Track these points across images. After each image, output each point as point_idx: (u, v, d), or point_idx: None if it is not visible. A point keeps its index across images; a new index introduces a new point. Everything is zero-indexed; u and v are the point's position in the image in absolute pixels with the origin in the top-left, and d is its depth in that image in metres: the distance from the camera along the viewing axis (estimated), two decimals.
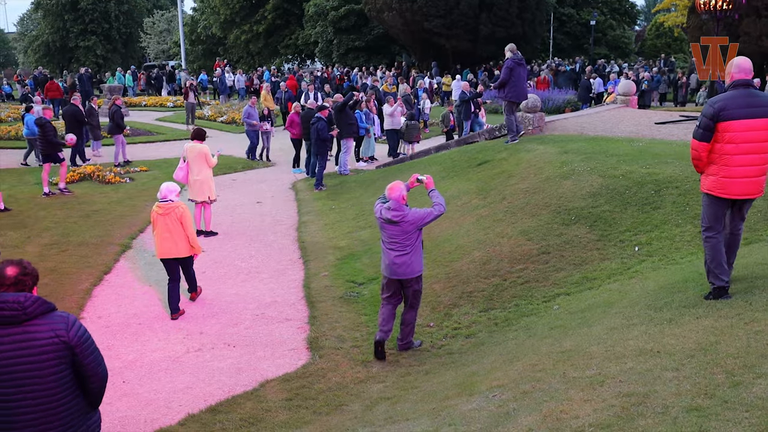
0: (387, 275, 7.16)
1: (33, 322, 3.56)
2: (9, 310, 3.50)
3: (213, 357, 7.50)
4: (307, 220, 12.83)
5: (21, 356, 3.52)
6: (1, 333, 3.51)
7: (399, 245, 6.99)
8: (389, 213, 6.96)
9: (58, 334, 3.57)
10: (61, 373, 3.61)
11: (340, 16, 38.68)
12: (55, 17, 55.13)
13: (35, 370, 3.54)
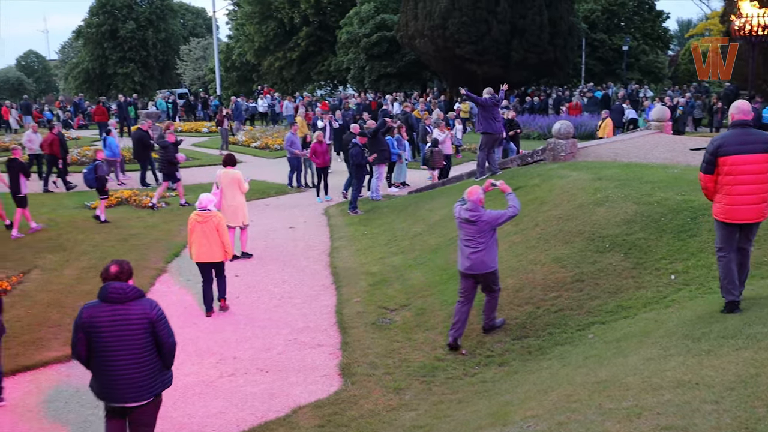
0: (462, 270, 7.94)
1: (129, 303, 5.16)
2: (115, 294, 5.14)
3: (246, 382, 7.54)
4: (339, 245, 12.89)
5: (122, 325, 5.11)
6: (110, 308, 5.12)
7: (475, 242, 7.78)
8: (467, 213, 7.82)
9: (145, 312, 5.17)
10: (146, 339, 5.17)
11: (372, 42, 39.04)
12: (95, 45, 56.67)
13: (130, 335, 5.12)
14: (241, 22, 48.68)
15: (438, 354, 7.79)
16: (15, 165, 13.75)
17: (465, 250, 7.89)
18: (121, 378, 5.13)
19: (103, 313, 5.12)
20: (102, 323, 5.10)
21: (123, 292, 5.15)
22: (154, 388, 5.28)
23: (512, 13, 32.56)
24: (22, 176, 13.66)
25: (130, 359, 5.13)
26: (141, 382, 5.17)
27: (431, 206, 13.98)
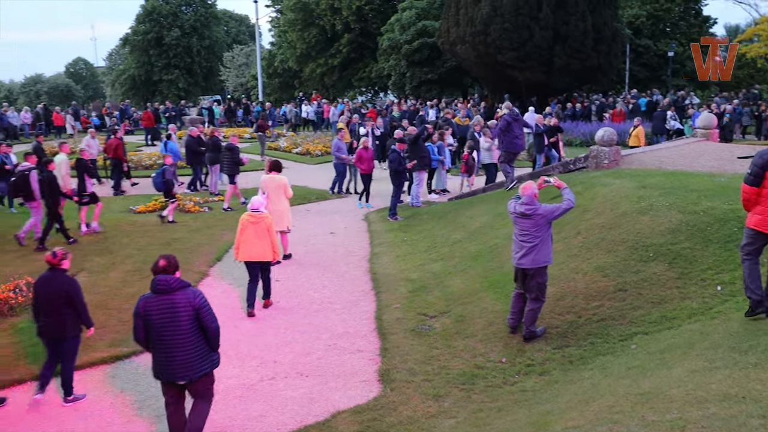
0: (515, 264, 8.15)
1: (175, 293, 5.95)
2: (162, 285, 5.96)
3: (286, 386, 7.61)
4: (379, 251, 12.93)
5: (169, 312, 5.91)
6: (159, 298, 5.93)
7: (530, 236, 7.94)
8: (523, 207, 7.99)
9: (189, 300, 5.94)
10: (192, 325, 5.95)
11: (413, 49, 39.09)
12: (141, 52, 57.85)
13: (177, 321, 5.90)
14: (284, 29, 49.21)
15: (478, 362, 7.76)
16: (81, 165, 14.52)
17: (520, 245, 8.04)
18: (173, 359, 5.95)
19: (153, 302, 5.95)
20: (153, 312, 5.94)
21: (167, 283, 5.97)
22: (203, 368, 6.06)
23: (555, 19, 32.29)
24: (87, 176, 14.50)
25: (179, 342, 5.92)
26: (190, 362, 5.97)
27: (471, 213, 13.94)
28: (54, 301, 7.14)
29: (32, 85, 74.28)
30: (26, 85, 75.59)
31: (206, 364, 6.06)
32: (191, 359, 5.96)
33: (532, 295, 8.08)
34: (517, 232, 8.12)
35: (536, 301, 8.06)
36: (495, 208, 13.28)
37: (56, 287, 7.16)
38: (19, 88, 77.35)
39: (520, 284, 8.28)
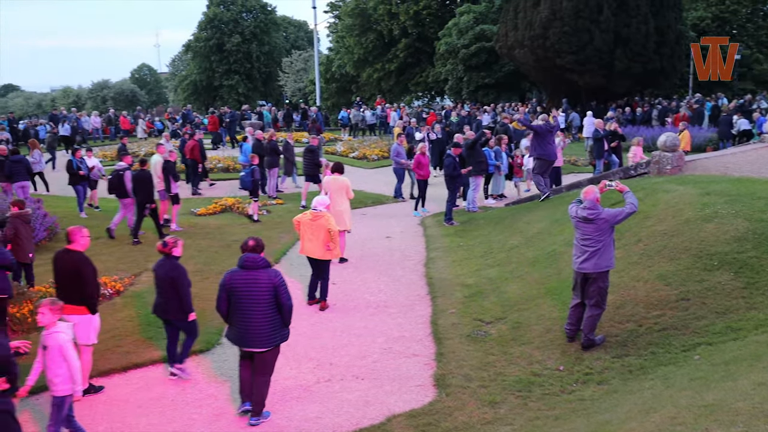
0: (576, 269, 8.04)
1: (259, 271, 6.79)
2: (249, 262, 6.81)
3: (342, 388, 7.68)
4: (435, 256, 12.91)
5: (252, 287, 6.72)
6: (245, 273, 6.77)
7: (592, 241, 7.85)
8: (585, 211, 7.90)
9: (270, 279, 6.75)
10: (270, 300, 6.75)
11: (470, 53, 38.93)
12: (203, 58, 59.19)
13: (258, 295, 6.71)
14: (342, 35, 49.64)
15: (534, 369, 7.68)
16: (168, 167, 15.20)
17: (582, 249, 7.96)
18: (251, 329, 6.75)
19: (239, 277, 6.79)
20: (238, 285, 6.76)
21: (254, 261, 6.84)
22: (275, 340, 6.85)
23: (616, 21, 31.72)
24: (171, 177, 15.22)
25: (258, 315, 6.73)
26: (265, 333, 6.76)
27: (529, 219, 13.80)
28: (164, 284, 7.81)
29: (99, 91, 76.64)
30: (93, 90, 78.02)
31: (277, 337, 6.87)
32: (266, 331, 6.76)
33: (592, 301, 7.95)
34: (578, 236, 8.05)
35: (596, 308, 7.93)
36: (553, 214, 13.12)
37: (166, 272, 7.78)
38: (87, 94, 79.85)
39: (578, 292, 8.16)
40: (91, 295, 7.51)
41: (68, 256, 7.56)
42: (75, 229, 7.67)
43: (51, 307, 6.13)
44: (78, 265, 7.48)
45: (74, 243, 7.59)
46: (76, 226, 7.78)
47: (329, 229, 9.97)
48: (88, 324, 7.53)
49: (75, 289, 7.42)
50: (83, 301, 7.45)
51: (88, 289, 7.47)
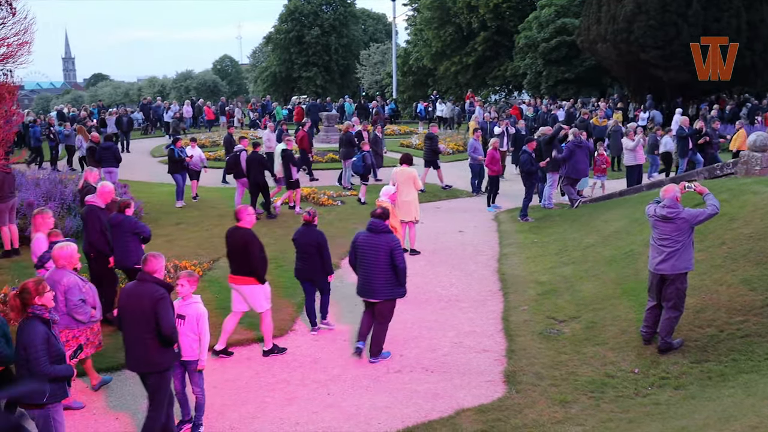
0: (652, 270, 7.87)
1: (380, 234, 8.03)
2: (374, 226, 8.07)
3: (411, 380, 7.71)
4: (508, 252, 12.79)
5: (373, 248, 8.00)
6: (369, 236, 8.06)
7: (671, 241, 7.65)
8: (664, 210, 7.71)
9: (388, 242, 7.97)
10: (387, 261, 7.92)
11: (550, 47, 38.19)
12: (282, 50, 60.14)
13: (377, 255, 7.96)
14: (420, 28, 49.50)
15: (608, 370, 7.53)
16: (287, 155, 15.87)
17: (659, 249, 7.76)
18: (369, 283, 8.04)
19: (364, 238, 8.12)
20: (362, 245, 8.10)
21: (377, 226, 8.06)
22: (389, 294, 8.05)
23: (705, 15, 30.47)
24: (291, 165, 15.90)
25: (376, 271, 7.96)
26: (381, 286, 8.01)
27: (606, 217, 13.48)
28: (308, 250, 8.94)
29: (183, 81, 78.93)
30: (177, 80, 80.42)
31: (392, 292, 8.05)
32: (382, 285, 7.98)
33: (669, 303, 7.72)
34: (656, 236, 7.83)
35: (674, 310, 7.70)
36: (632, 213, 12.77)
37: (311, 239, 8.95)
38: (171, 84, 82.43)
39: (655, 294, 7.93)
40: (258, 267, 8.26)
41: (238, 233, 8.34)
42: (242, 208, 8.50)
43: (189, 278, 6.48)
44: (246, 241, 8.24)
45: (242, 221, 8.38)
46: (243, 205, 8.72)
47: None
48: (259, 293, 8.36)
49: (245, 262, 8.24)
50: (252, 273, 8.22)
51: (255, 262, 8.22)
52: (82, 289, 6.93)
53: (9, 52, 6.70)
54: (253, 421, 6.89)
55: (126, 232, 9.20)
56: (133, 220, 9.39)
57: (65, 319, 6.78)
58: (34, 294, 5.36)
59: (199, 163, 17.63)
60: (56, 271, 6.92)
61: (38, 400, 5.36)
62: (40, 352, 5.28)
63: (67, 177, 16.38)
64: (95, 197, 9.66)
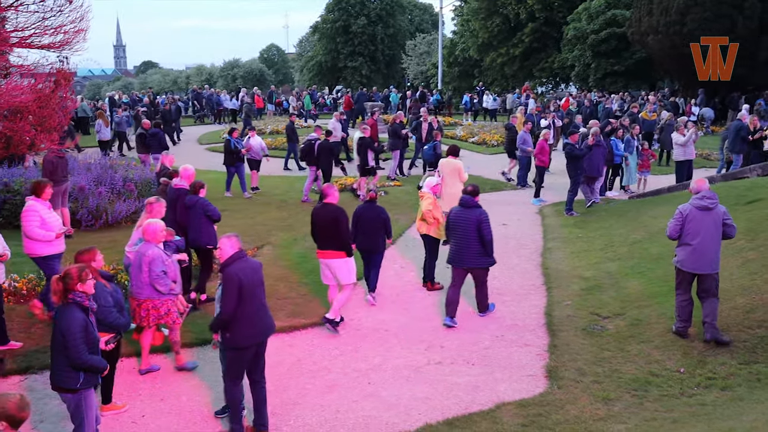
0: (684, 268, 7.89)
1: (471, 209, 8.92)
2: (465, 202, 9.02)
3: (452, 372, 7.70)
4: (552, 246, 12.65)
5: (464, 221, 8.88)
6: (461, 210, 8.97)
7: (709, 234, 7.73)
8: (704, 201, 7.84)
9: (477, 217, 8.80)
10: (475, 233, 8.79)
11: (600, 39, 37.59)
12: (329, 40, 60.38)
13: (467, 227, 8.83)
14: (467, 18, 49.17)
15: (653, 369, 7.40)
16: (364, 143, 16.57)
17: (694, 247, 7.83)
18: (463, 252, 8.92)
19: (457, 212, 9.05)
20: (455, 219, 9.01)
21: (467, 201, 9.00)
22: (478, 262, 8.95)
23: (762, 7, 29.61)
24: (369, 151, 16.66)
25: (466, 242, 8.84)
26: (472, 255, 8.86)
27: (654, 213, 13.23)
28: (371, 224, 9.66)
29: (230, 69, 79.80)
30: (225, 69, 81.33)
31: (480, 261, 8.92)
32: (472, 255, 8.86)
33: (709, 293, 7.83)
34: (689, 231, 7.88)
35: (715, 298, 7.81)
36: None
37: (374, 215, 9.73)
38: (218, 72, 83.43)
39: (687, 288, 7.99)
40: (346, 240, 8.80)
41: (325, 209, 8.86)
42: (327, 186, 9.21)
43: None
44: (335, 215, 8.74)
45: (329, 197, 8.94)
46: (327, 184, 9.62)
47: (422, 209, 10.31)
48: (346, 265, 8.88)
49: (333, 236, 8.74)
50: (341, 247, 8.76)
51: (344, 236, 8.75)
52: (165, 262, 7.41)
53: (65, 39, 6.87)
54: (294, 407, 6.96)
55: (200, 213, 9.58)
56: (205, 201, 9.75)
57: (148, 289, 7.34)
58: (77, 280, 5.46)
59: (260, 152, 17.39)
60: (143, 245, 7.52)
61: (72, 384, 5.50)
62: (78, 339, 5.37)
63: (116, 162, 16.71)
64: (181, 180, 10.17)
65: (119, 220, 13.73)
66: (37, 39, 6.94)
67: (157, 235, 7.49)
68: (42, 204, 8.86)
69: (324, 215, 8.80)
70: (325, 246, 8.85)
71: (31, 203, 8.84)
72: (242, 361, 6.28)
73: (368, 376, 7.64)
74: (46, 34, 6.89)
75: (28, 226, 8.75)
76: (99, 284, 6.24)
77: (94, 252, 6.56)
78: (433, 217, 10.22)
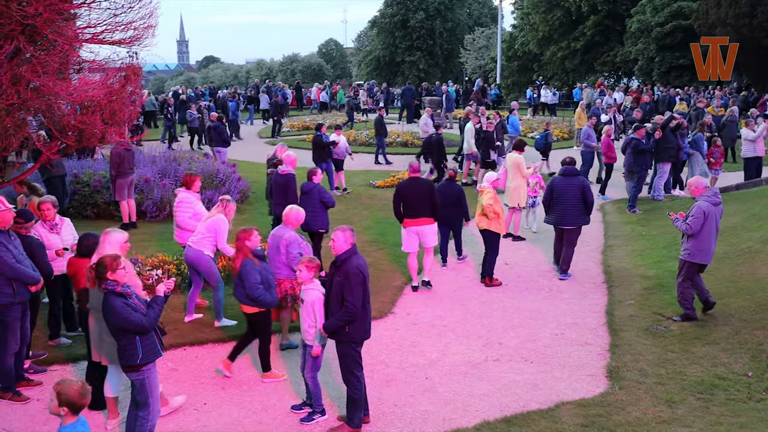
0: (703, 262, 8.60)
1: (572, 177, 10.50)
2: (567, 171, 10.59)
3: (510, 369, 7.64)
4: (613, 244, 12.42)
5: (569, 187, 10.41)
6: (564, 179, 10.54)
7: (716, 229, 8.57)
8: (717, 197, 8.57)
9: (580, 182, 10.53)
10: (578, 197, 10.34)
11: (665, 32, 36.61)
12: (387, 34, 60.32)
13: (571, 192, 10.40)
14: (527, 11, 48.46)
15: (719, 371, 7.20)
16: (487, 136, 17.00)
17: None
18: (565, 214, 10.44)
19: (559, 181, 10.54)
20: (559, 186, 10.50)
21: (569, 170, 10.57)
22: (579, 222, 10.47)
23: None
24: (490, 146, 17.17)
25: (570, 205, 10.37)
26: (574, 217, 10.42)
27: None
28: (449, 200, 10.67)
29: (289, 64, 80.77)
30: (284, 63, 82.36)
31: (580, 221, 10.47)
32: (574, 216, 10.40)
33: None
34: (713, 227, 8.30)
35: None
36: (750, 208, 12.14)
37: (452, 192, 10.86)
38: (278, 66, 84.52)
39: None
40: (438, 207, 10.05)
41: (417, 183, 10.03)
42: (414, 163, 10.46)
43: (308, 264, 6.57)
44: (428, 187, 10.10)
45: (416, 172, 10.21)
46: (414, 162, 10.90)
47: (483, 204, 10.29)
48: (433, 230, 10.16)
49: (426, 206, 9.96)
50: (431, 214, 10.02)
51: (437, 204, 10.03)
52: (300, 245, 7.91)
53: (135, 35, 7.08)
54: None
55: (315, 199, 10.07)
56: (322, 188, 10.29)
57: (285, 270, 7.86)
58: (109, 269, 5.67)
59: (344, 152, 17.04)
60: (280, 228, 8.08)
61: (133, 361, 5.66)
62: (128, 315, 5.55)
63: (180, 155, 17.12)
64: (286, 166, 10.86)
65: None
66: (108, 35, 7.15)
67: (296, 220, 8.00)
68: (193, 195, 9.43)
69: (415, 188, 10.00)
70: (416, 215, 10.00)
71: (184, 195, 9.39)
72: (359, 354, 6.37)
73: (426, 371, 7.64)
74: (117, 30, 7.10)
75: (180, 217, 9.29)
76: (249, 262, 7.05)
77: (251, 231, 7.21)
78: (494, 212, 10.16)
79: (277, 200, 10.78)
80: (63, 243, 8.15)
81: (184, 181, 9.55)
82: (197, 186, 9.50)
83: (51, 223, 8.13)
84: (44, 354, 7.97)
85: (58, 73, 6.85)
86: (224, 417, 6.69)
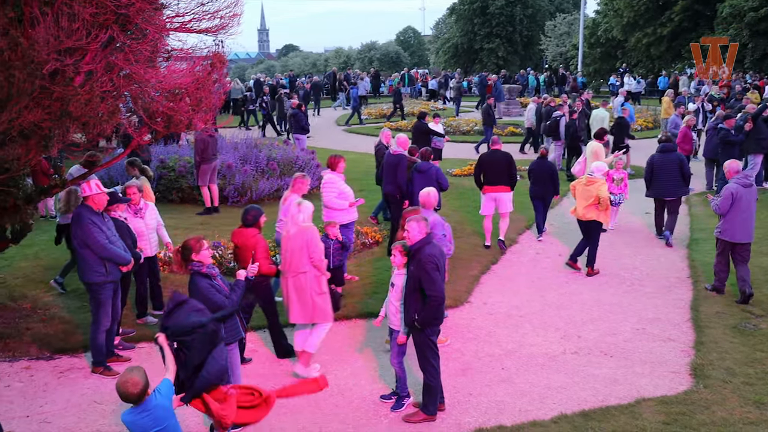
0: (733, 240, 8.94)
1: (670, 153, 11.44)
2: (665, 149, 11.53)
3: (589, 363, 7.50)
4: (699, 237, 11.98)
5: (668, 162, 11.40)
6: (661, 155, 11.55)
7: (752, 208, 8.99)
8: (747, 179, 9.04)
9: (679, 157, 11.42)
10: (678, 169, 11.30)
11: (759, 17, 34.89)
12: (465, 21, 59.69)
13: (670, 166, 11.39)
14: None
15: None
16: (620, 124, 17.06)
17: None
18: (666, 186, 11.41)
19: (659, 157, 11.51)
20: (659, 162, 11.46)
21: (667, 147, 11.47)
22: (678, 193, 11.41)
23: None
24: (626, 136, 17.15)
25: (670, 178, 11.30)
26: (674, 188, 11.35)
27: None
28: (542, 176, 11.74)
29: (367, 52, 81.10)
30: (362, 51, 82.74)
31: (680, 192, 11.43)
32: (673, 187, 11.37)
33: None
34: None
35: None
36: None
37: (545, 168, 11.77)
38: (355, 54, 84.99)
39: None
40: (515, 176, 11.17)
41: (497, 155, 11.15)
42: (495, 137, 11.89)
43: (401, 250, 6.62)
44: (508, 158, 11.14)
45: (497, 145, 11.36)
46: (495, 136, 12.34)
47: (598, 196, 9.98)
48: (509, 197, 11.21)
49: (504, 175, 11.03)
50: (508, 182, 11.10)
51: (514, 173, 11.14)
52: (444, 226, 7.98)
53: (221, 23, 7.22)
54: None
55: (431, 179, 10.21)
56: (439, 169, 10.56)
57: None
58: (193, 250, 5.85)
59: (443, 141, 16.66)
60: (424, 211, 8.02)
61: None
62: (213, 296, 5.74)
63: (261, 142, 17.46)
64: (398, 147, 11.05)
65: (262, 197, 14.36)
66: (195, 24, 7.33)
67: (433, 201, 8.20)
68: (338, 176, 9.77)
69: (496, 159, 11.13)
70: (495, 182, 11.09)
71: (330, 176, 9.76)
72: (434, 342, 6.41)
73: (502, 361, 7.59)
74: (204, 19, 7.27)
75: (327, 197, 9.63)
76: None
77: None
78: (607, 204, 10.09)
79: (387, 179, 11.12)
80: (146, 227, 8.42)
81: (329, 163, 9.87)
82: (342, 167, 9.79)
83: (135, 207, 8.41)
84: (133, 332, 8.32)
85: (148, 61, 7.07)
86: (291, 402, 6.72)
